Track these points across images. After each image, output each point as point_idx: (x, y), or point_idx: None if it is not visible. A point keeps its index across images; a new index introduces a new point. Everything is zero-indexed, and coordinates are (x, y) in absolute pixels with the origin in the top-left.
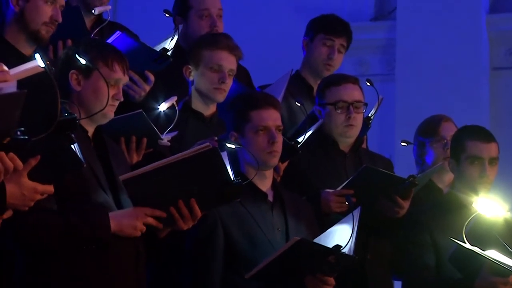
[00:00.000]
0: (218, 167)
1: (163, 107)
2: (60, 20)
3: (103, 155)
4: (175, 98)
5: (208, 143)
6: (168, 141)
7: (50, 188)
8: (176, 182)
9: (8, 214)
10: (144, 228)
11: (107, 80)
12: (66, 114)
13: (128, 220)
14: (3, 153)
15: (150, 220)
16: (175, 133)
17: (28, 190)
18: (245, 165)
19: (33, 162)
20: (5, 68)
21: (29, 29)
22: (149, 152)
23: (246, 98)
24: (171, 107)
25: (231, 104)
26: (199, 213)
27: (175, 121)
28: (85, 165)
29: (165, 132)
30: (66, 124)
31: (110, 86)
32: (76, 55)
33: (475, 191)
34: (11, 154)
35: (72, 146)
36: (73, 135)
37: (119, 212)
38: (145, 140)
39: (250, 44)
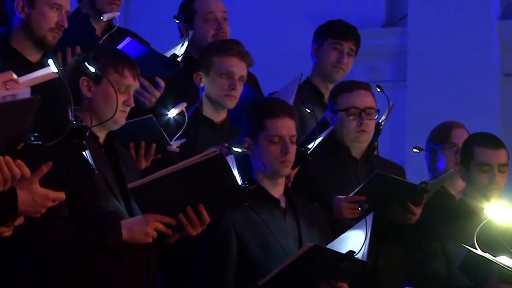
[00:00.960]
0: (225, 173)
1: (172, 113)
2: (66, 25)
3: (114, 161)
4: (184, 104)
5: (215, 149)
6: (177, 147)
7: (61, 195)
8: (183, 188)
9: (19, 220)
10: (155, 234)
11: (117, 87)
12: (74, 122)
13: (139, 227)
14: (10, 160)
15: (161, 227)
16: (183, 140)
17: (40, 197)
18: (257, 171)
19: (45, 169)
20: (15, 76)
21: (35, 35)
22: (158, 158)
23: (263, 105)
24: (181, 113)
25: (246, 109)
26: (207, 218)
27: (184, 127)
28: (96, 172)
29: (174, 139)
30: (75, 132)
31: (120, 93)
32: (86, 63)
33: (486, 197)
34: (19, 161)
35: (84, 153)
36: (84, 142)
37: (130, 220)
38: (154, 145)
39: (260, 51)
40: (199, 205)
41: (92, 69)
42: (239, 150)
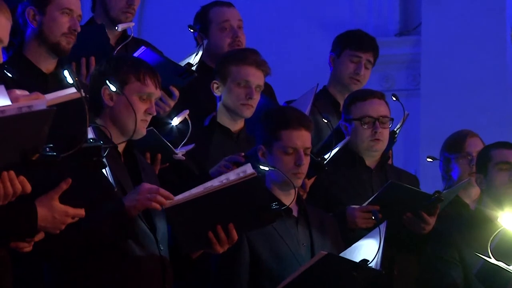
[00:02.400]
0: (259, 194)
1: (175, 121)
2: (79, 29)
3: (133, 170)
4: (187, 112)
5: (253, 171)
6: (182, 155)
7: (81, 212)
8: (216, 208)
9: (39, 236)
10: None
11: (139, 95)
12: (91, 141)
13: (135, 195)
14: (14, 176)
15: (162, 191)
16: (190, 146)
17: (59, 213)
18: (270, 181)
19: (64, 186)
20: (41, 96)
21: (49, 42)
22: (169, 165)
23: (279, 115)
24: (184, 121)
25: (263, 117)
26: (236, 237)
27: (188, 135)
28: (115, 190)
29: (180, 146)
30: (91, 151)
31: (142, 101)
32: (107, 82)
33: (501, 204)
34: (22, 177)
35: (103, 170)
36: (104, 160)
37: (127, 195)
38: (159, 156)
39: (275, 61)
40: (229, 224)
41: (113, 88)
42: (266, 168)
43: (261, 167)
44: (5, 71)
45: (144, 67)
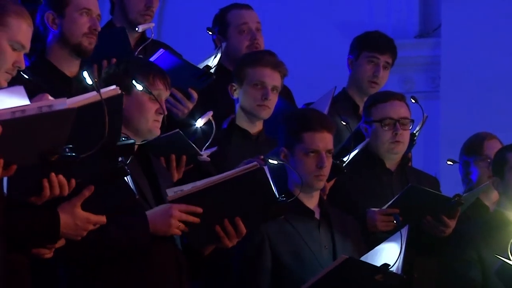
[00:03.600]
0: (264, 186)
1: (199, 123)
2: (99, 28)
3: (148, 171)
4: (210, 113)
5: (255, 163)
6: (207, 156)
7: (103, 219)
8: (222, 201)
9: (61, 243)
10: (182, 226)
11: (149, 95)
12: (123, 139)
13: (161, 218)
14: (62, 178)
15: (184, 217)
16: (214, 148)
17: (81, 220)
18: (292, 183)
19: (87, 193)
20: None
21: (70, 43)
22: (191, 168)
23: (301, 117)
24: (208, 123)
25: (284, 119)
26: (244, 231)
27: (212, 136)
28: (137, 197)
29: (204, 148)
30: (125, 149)
31: (152, 101)
32: (133, 81)
33: None
34: (61, 177)
35: (126, 178)
36: (126, 168)
37: (151, 211)
38: (184, 158)
39: (293, 63)
40: (236, 218)
41: (140, 87)
42: (275, 162)
43: (270, 160)
44: (21, 72)
45: (153, 70)
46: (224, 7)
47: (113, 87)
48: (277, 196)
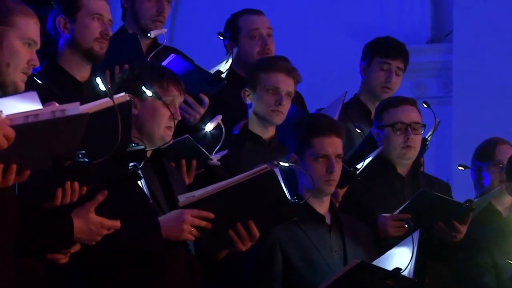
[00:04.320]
0: (276, 189)
1: (209, 127)
2: (111, 33)
3: (161, 175)
4: (220, 117)
5: (266, 165)
6: (217, 160)
7: (116, 223)
8: (234, 205)
9: (75, 248)
10: (194, 231)
11: (164, 100)
12: (133, 145)
13: (173, 224)
14: (76, 185)
15: (197, 222)
16: (224, 152)
17: (95, 225)
18: (302, 188)
19: (101, 198)
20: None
21: (82, 48)
22: (201, 172)
23: (310, 122)
24: (217, 127)
25: (294, 125)
26: (257, 234)
27: (222, 140)
28: (151, 201)
29: (214, 152)
30: (135, 154)
31: (165, 106)
32: (143, 87)
33: None
34: (77, 184)
35: (139, 182)
36: (139, 172)
37: (164, 217)
38: (195, 162)
39: (304, 68)
40: (249, 221)
41: (149, 93)
42: (286, 164)
43: (281, 163)
44: (35, 77)
45: (167, 75)
46: (236, 13)
47: (123, 94)
48: (289, 198)
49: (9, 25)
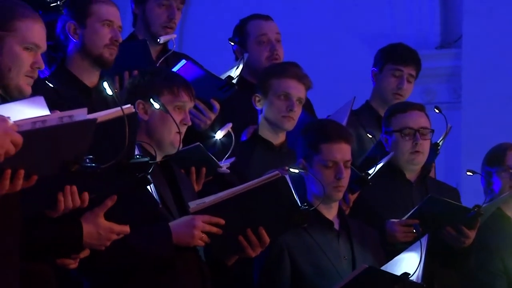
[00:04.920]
0: (286, 195)
1: (219, 135)
2: (121, 40)
3: (171, 181)
4: (230, 125)
5: (277, 172)
6: (227, 168)
7: (126, 229)
8: (244, 211)
9: (85, 253)
10: (205, 237)
11: (173, 105)
12: (137, 157)
13: (184, 229)
14: (75, 189)
15: (207, 228)
16: (232, 159)
17: (104, 230)
18: (311, 195)
19: (110, 203)
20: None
21: (92, 54)
22: (209, 180)
23: (319, 128)
24: (227, 134)
25: (302, 131)
26: (267, 240)
27: (231, 148)
28: (160, 206)
29: (223, 159)
30: (139, 166)
31: (176, 111)
32: (151, 100)
33: None
34: (85, 193)
35: (149, 187)
36: (149, 177)
37: (175, 222)
38: (204, 170)
39: (314, 73)
40: (260, 227)
41: (156, 106)
42: (296, 171)
43: (292, 169)
44: (46, 81)
45: (177, 81)
46: (244, 18)
47: (128, 105)
48: (299, 204)
49: (9, 30)
